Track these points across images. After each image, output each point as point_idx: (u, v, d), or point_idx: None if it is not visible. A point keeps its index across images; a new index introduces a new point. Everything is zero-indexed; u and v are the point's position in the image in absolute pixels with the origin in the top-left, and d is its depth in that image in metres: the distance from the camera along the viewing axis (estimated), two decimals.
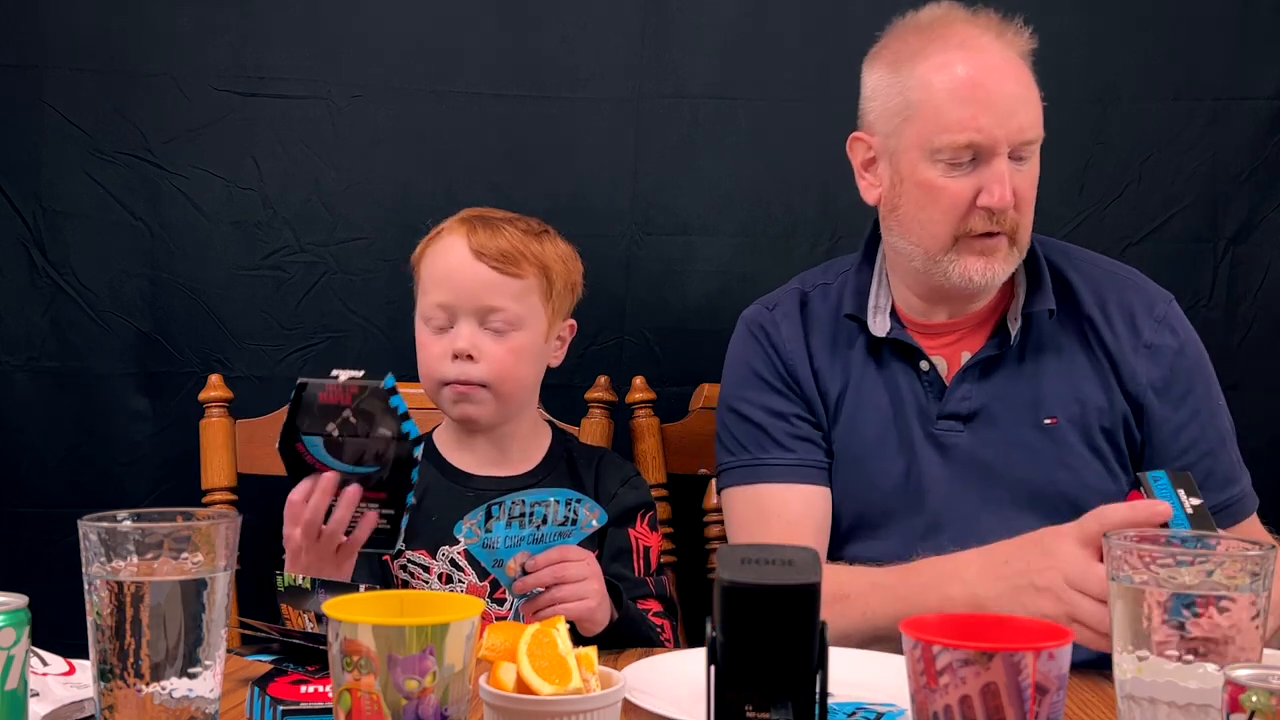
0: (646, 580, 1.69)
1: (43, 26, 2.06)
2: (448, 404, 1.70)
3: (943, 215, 1.57)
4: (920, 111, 1.57)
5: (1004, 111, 1.53)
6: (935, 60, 1.56)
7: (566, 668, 1.03)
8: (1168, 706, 0.96)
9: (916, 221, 1.59)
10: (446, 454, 1.74)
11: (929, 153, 1.56)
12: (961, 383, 1.62)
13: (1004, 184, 1.53)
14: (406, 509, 1.49)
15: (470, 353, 1.66)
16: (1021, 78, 1.57)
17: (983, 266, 1.57)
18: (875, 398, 1.65)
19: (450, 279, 1.67)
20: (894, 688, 1.14)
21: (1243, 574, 0.97)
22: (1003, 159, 1.54)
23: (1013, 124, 1.54)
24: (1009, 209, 1.55)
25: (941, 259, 1.58)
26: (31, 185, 2.07)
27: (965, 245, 1.57)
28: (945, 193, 1.56)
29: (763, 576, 0.87)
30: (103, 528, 0.98)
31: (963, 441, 1.61)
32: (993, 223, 1.56)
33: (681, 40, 2.09)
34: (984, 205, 1.54)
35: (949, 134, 1.54)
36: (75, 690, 1.19)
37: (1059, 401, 1.61)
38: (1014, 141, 1.54)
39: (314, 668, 1.19)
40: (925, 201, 1.58)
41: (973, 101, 1.54)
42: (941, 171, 1.56)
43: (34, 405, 2.08)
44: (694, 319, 2.11)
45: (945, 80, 1.55)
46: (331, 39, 2.09)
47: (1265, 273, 2.10)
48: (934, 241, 1.58)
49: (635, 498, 1.74)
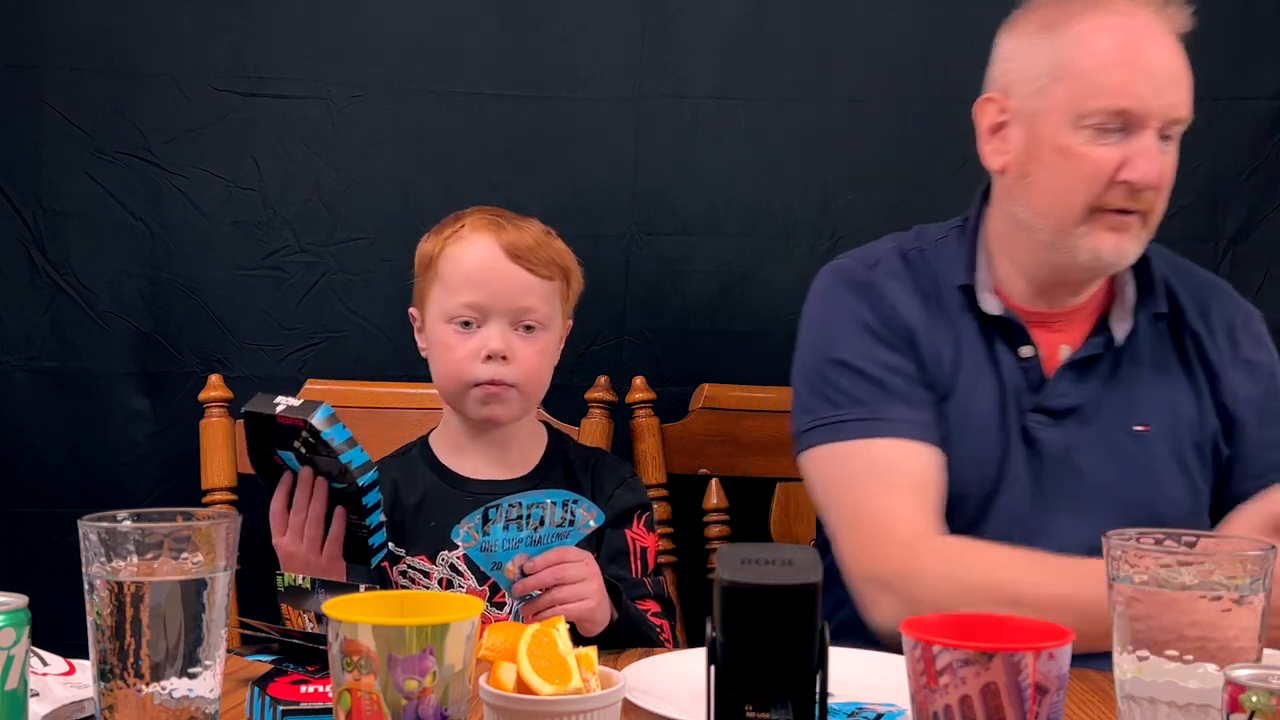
0: (644, 581, 1.69)
1: (43, 26, 2.06)
2: (474, 404, 1.67)
3: (1081, 185, 1.50)
4: (1072, 73, 1.50)
5: (1161, 84, 1.48)
6: (1094, 23, 1.50)
7: (566, 668, 1.03)
8: (1168, 706, 0.96)
9: (1051, 190, 1.52)
10: (444, 458, 1.73)
11: (1076, 117, 1.49)
12: (1063, 377, 1.57)
13: (1150, 160, 1.48)
14: (372, 529, 1.50)
15: (504, 354, 1.65)
16: (1177, 52, 1.50)
17: (1114, 243, 1.51)
18: (981, 377, 1.58)
19: (484, 278, 1.65)
20: (894, 688, 1.14)
21: (1243, 574, 0.97)
22: (1151, 133, 1.48)
23: (1168, 98, 1.48)
24: (1151, 187, 1.49)
25: (1072, 231, 1.51)
26: (31, 185, 2.07)
27: (1099, 219, 1.50)
28: (1087, 160, 1.49)
29: (763, 576, 0.87)
30: (103, 528, 0.98)
31: (1051, 437, 1.56)
32: (1132, 199, 1.49)
33: (681, 40, 2.09)
34: (1127, 179, 1.48)
35: (1102, 98, 1.48)
36: (75, 690, 1.19)
37: (1153, 410, 1.57)
38: (1166, 117, 1.48)
39: (314, 668, 1.19)
40: (1063, 169, 1.51)
41: (1130, 67, 1.47)
42: (1086, 139, 1.49)
43: (34, 405, 2.08)
44: (694, 319, 2.11)
45: (1104, 43, 1.49)
46: (331, 39, 2.09)
47: (1265, 273, 2.10)
48: (1066, 211, 1.51)
49: (632, 499, 1.73)
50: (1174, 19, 1.52)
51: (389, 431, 1.91)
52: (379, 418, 1.98)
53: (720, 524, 1.99)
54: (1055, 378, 1.57)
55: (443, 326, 1.67)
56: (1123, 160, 1.48)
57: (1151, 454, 1.56)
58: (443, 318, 1.67)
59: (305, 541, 1.52)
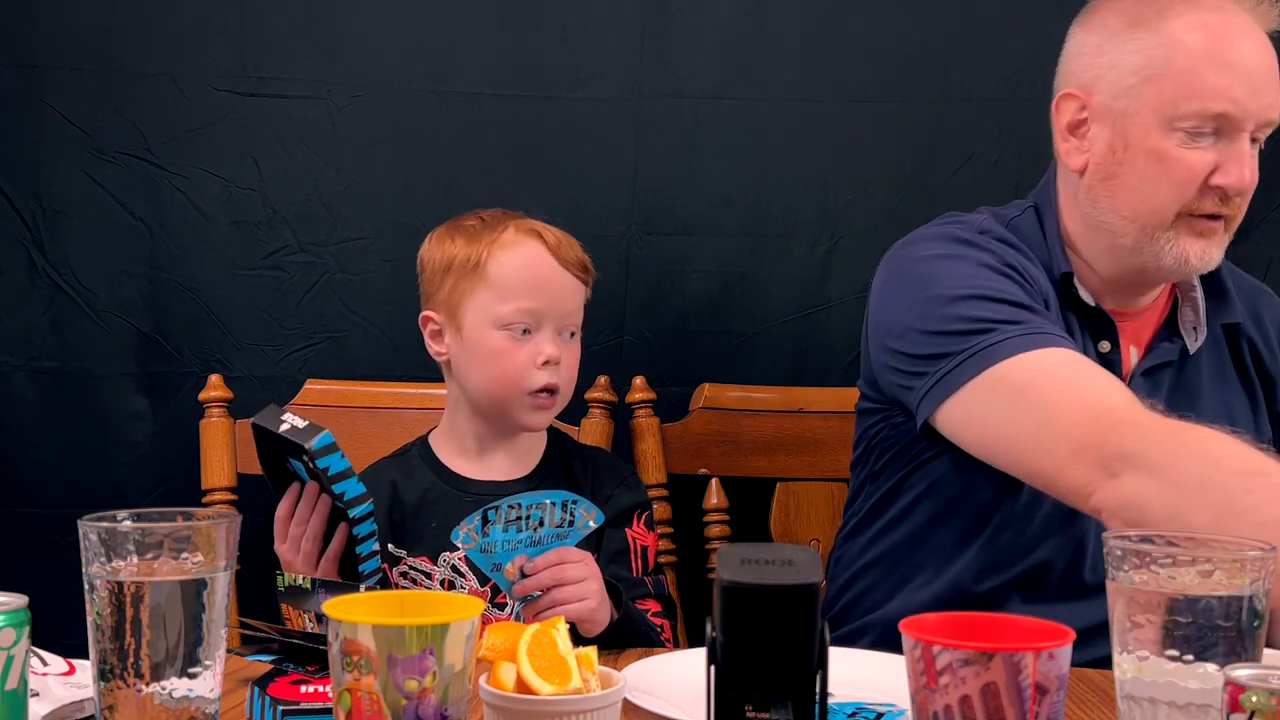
0: (645, 580, 1.69)
1: (43, 26, 2.06)
2: (525, 412, 1.67)
3: (1171, 189, 1.46)
4: (1165, 73, 1.44)
5: (1257, 85, 1.43)
6: (1187, 20, 1.45)
7: (566, 668, 1.03)
8: (1168, 706, 0.96)
9: (1138, 193, 1.48)
10: (446, 459, 1.73)
11: (1169, 119, 1.44)
12: (1138, 382, 1.54)
13: (1244, 164, 1.44)
14: (363, 557, 1.50)
15: (559, 360, 1.66)
16: (1273, 53, 1.45)
17: (1201, 249, 1.47)
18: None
19: (539, 284, 1.65)
20: (894, 688, 1.14)
21: (1243, 574, 0.97)
22: (1246, 136, 1.44)
23: (1264, 99, 1.44)
24: (1243, 193, 1.46)
25: (1159, 236, 1.47)
26: (31, 185, 2.07)
27: (1186, 224, 1.47)
28: (1180, 164, 1.45)
29: (763, 576, 0.87)
30: (103, 528, 0.98)
31: None
32: (1223, 205, 1.46)
33: (681, 40, 2.09)
34: (1220, 184, 1.44)
35: (1198, 101, 1.43)
36: (75, 690, 1.19)
37: (1213, 418, 1.50)
38: (1262, 119, 1.45)
39: (314, 668, 1.19)
40: (1153, 172, 1.46)
41: (1227, 69, 1.43)
42: (1179, 141, 1.44)
43: (34, 405, 2.08)
44: (694, 319, 2.11)
45: (1198, 42, 1.44)
46: (331, 39, 2.09)
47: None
48: (1154, 217, 1.47)
49: (631, 498, 1.73)
50: (1267, 15, 1.48)
51: (389, 431, 1.92)
52: (379, 418, 1.98)
53: (720, 524, 1.99)
54: (1132, 381, 1.53)
55: (492, 333, 1.65)
56: (1216, 164, 1.44)
57: None
58: (494, 324, 1.65)
59: (301, 555, 1.52)
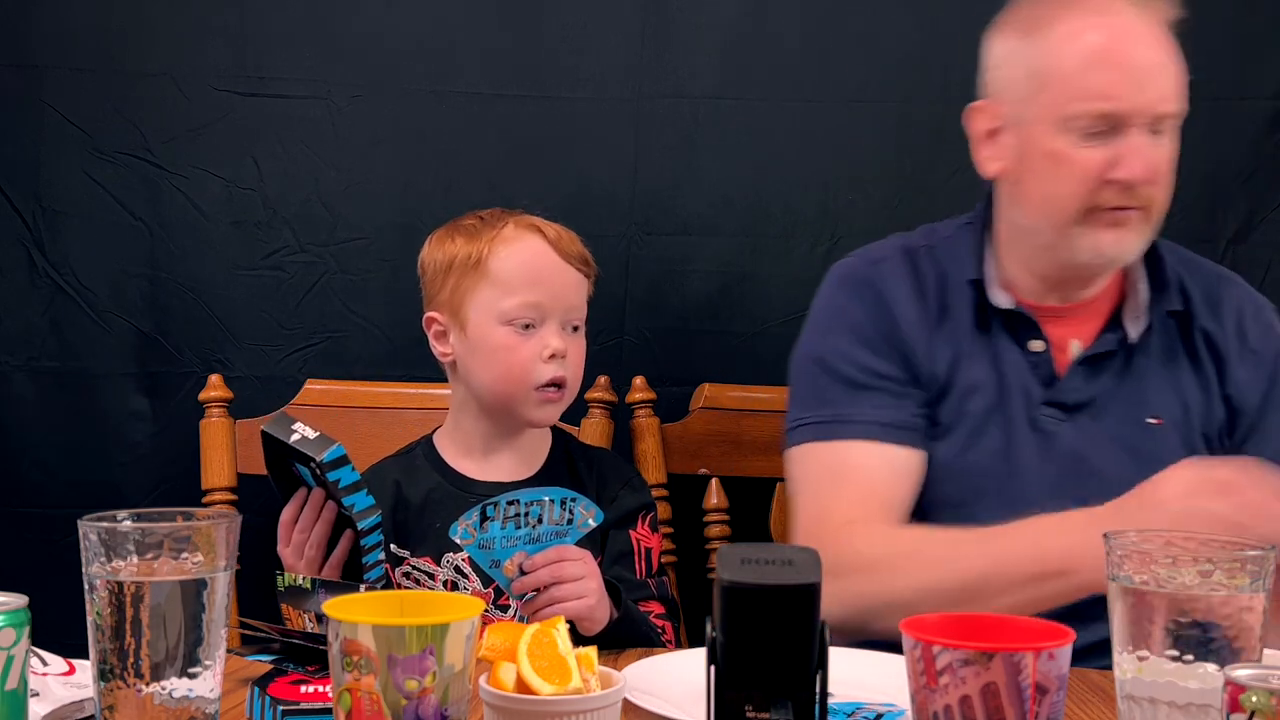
0: (648, 582, 1.69)
1: (43, 26, 2.06)
2: (533, 407, 1.67)
3: (1073, 188, 1.50)
4: (1053, 78, 1.50)
5: (1141, 80, 1.48)
6: (1069, 26, 1.50)
7: (566, 668, 1.03)
8: (1168, 706, 0.96)
9: (1043, 194, 1.53)
10: (450, 459, 1.73)
11: (1060, 121, 1.49)
12: (1075, 374, 1.58)
13: (1140, 157, 1.48)
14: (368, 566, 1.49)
15: (564, 353, 1.66)
16: (1160, 45, 1.50)
17: (1115, 239, 1.51)
18: (983, 372, 1.58)
19: (542, 277, 1.65)
20: (894, 688, 1.14)
21: (1243, 574, 0.97)
22: (1139, 130, 1.48)
23: (1150, 93, 1.48)
24: (1144, 185, 1.49)
25: (1070, 232, 1.52)
26: (31, 185, 2.07)
27: (1096, 218, 1.51)
28: (1076, 164, 1.49)
29: (763, 576, 0.87)
30: (103, 528, 0.98)
31: (1063, 431, 1.56)
32: (1127, 196, 1.49)
33: (681, 40, 2.09)
34: (1117, 179, 1.48)
35: (1083, 102, 1.48)
36: (75, 690, 1.19)
37: (1164, 403, 1.57)
38: (1151, 112, 1.48)
39: (314, 668, 1.19)
40: (1054, 174, 1.51)
41: (1109, 68, 1.48)
42: (1073, 142, 1.49)
43: (34, 405, 2.08)
44: (694, 319, 2.11)
45: (1081, 45, 1.49)
46: (331, 39, 2.09)
47: (1265, 272, 2.09)
48: (1061, 215, 1.52)
49: (636, 500, 1.73)
50: (1154, 8, 1.52)
51: (389, 431, 1.92)
52: (379, 418, 1.98)
53: (720, 524, 1.99)
54: (1068, 373, 1.58)
55: (497, 328, 1.65)
56: (1112, 159, 1.48)
57: (1164, 446, 1.55)
58: (498, 319, 1.65)
59: (304, 561, 1.52)
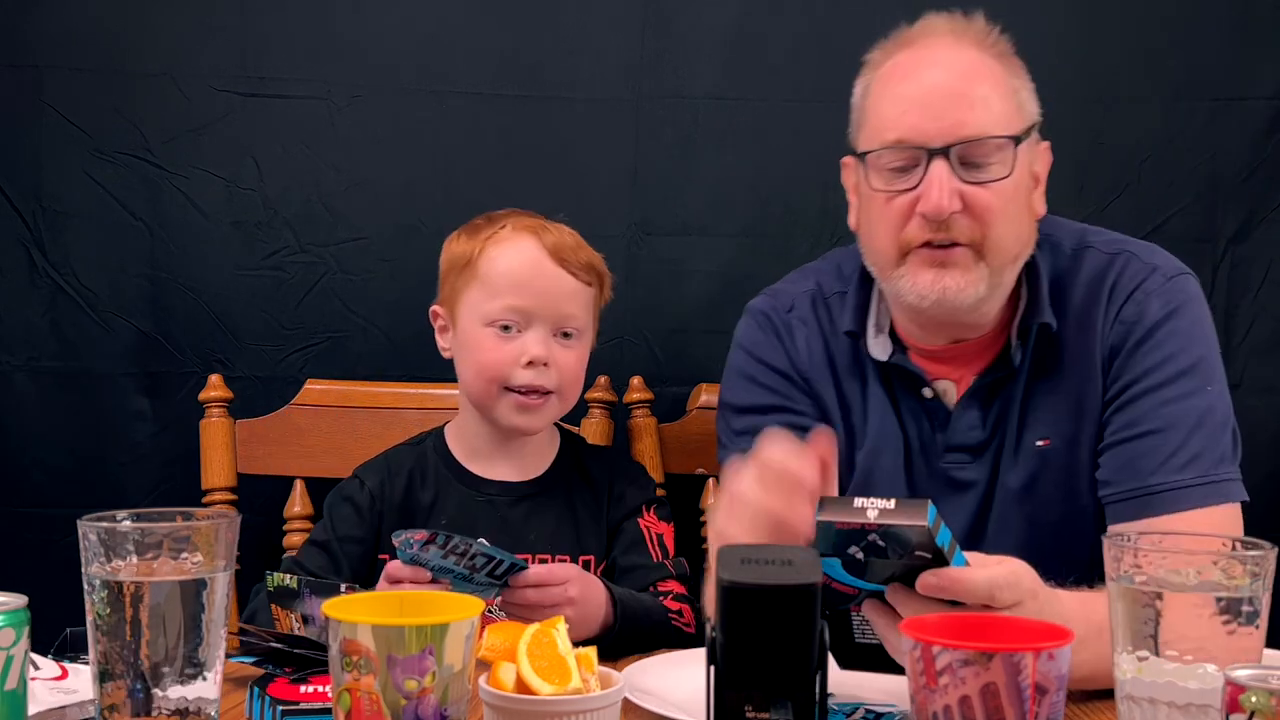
0: (665, 563, 1.69)
1: (43, 26, 2.06)
2: (506, 410, 1.66)
3: (884, 227, 1.46)
4: (866, 117, 1.49)
5: (935, 107, 1.42)
6: (884, 66, 1.49)
7: (566, 668, 1.03)
8: (1168, 706, 0.96)
9: (869, 237, 1.51)
10: (460, 456, 1.74)
11: (872, 160, 1.46)
12: (966, 412, 1.52)
13: (940, 188, 1.40)
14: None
15: (546, 360, 1.65)
16: (970, 74, 1.44)
17: (932, 279, 1.43)
18: (890, 423, 1.55)
19: (528, 281, 1.65)
20: (894, 688, 1.14)
21: (1243, 574, 0.97)
22: (941, 161, 1.41)
23: (946, 120, 1.41)
24: (946, 214, 1.41)
25: (893, 274, 1.47)
26: (31, 185, 2.07)
27: (915, 257, 1.45)
28: (884, 202, 1.45)
29: (763, 576, 0.87)
30: (102, 528, 0.98)
31: (970, 475, 1.52)
32: (933, 230, 1.42)
33: (681, 40, 2.09)
34: (920, 211, 1.42)
35: (879, 135, 1.45)
36: (63, 696, 1.18)
37: (1055, 420, 1.51)
38: (950, 138, 1.41)
39: (290, 669, 1.19)
40: (871, 215, 1.49)
41: (901, 99, 1.44)
42: (885, 180, 1.45)
43: (34, 405, 2.08)
44: (694, 319, 2.11)
45: (883, 81, 1.48)
46: (331, 39, 2.08)
47: (1265, 272, 2.09)
48: (883, 256, 1.48)
49: (641, 495, 1.75)
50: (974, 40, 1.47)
51: (389, 431, 1.92)
52: (379, 418, 1.98)
53: None
54: (956, 413, 1.52)
55: (480, 329, 1.66)
56: (918, 194, 1.43)
57: (1057, 467, 1.51)
58: (481, 320, 1.66)
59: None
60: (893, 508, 1.10)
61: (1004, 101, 1.46)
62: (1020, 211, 1.48)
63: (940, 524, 1.11)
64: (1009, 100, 1.46)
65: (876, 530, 1.08)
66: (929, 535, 1.07)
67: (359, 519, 1.69)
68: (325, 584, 1.40)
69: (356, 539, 1.68)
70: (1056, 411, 1.51)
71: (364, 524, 1.69)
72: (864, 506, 1.10)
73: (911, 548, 1.09)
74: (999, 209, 1.44)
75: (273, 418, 1.99)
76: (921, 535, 1.07)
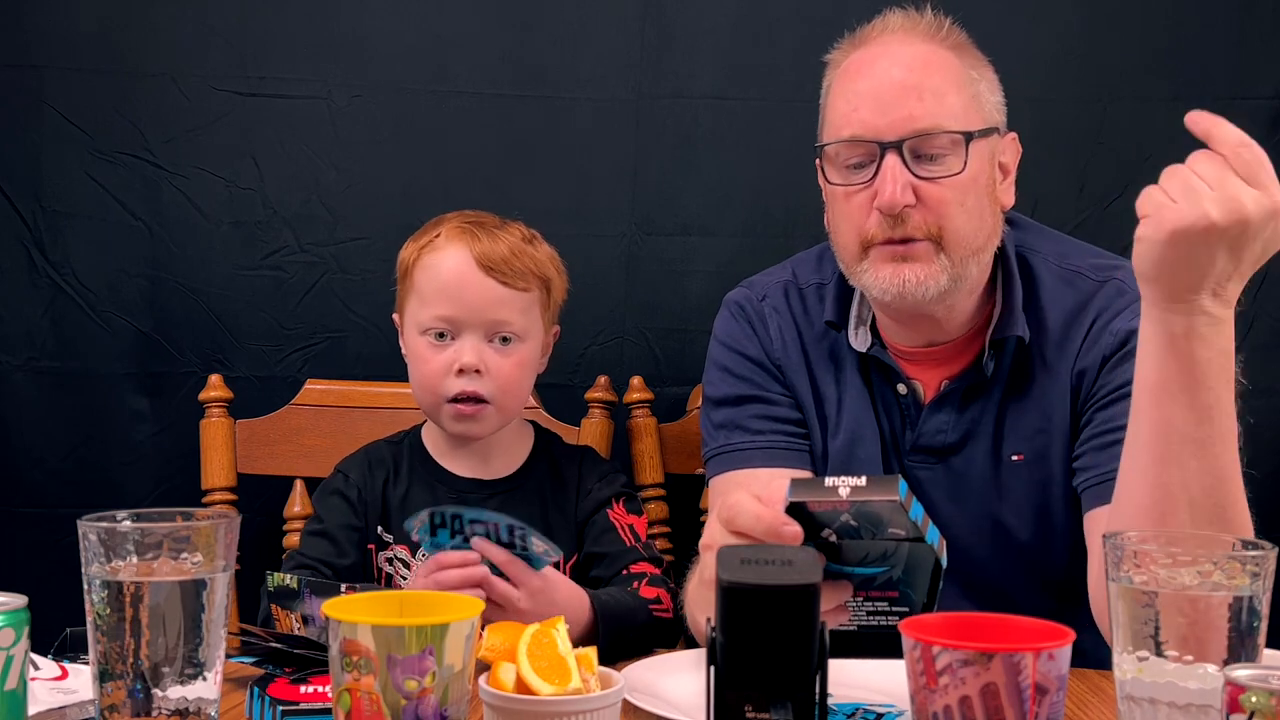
0: (636, 547, 1.70)
1: (43, 26, 2.06)
2: (447, 420, 1.68)
3: (845, 223, 1.47)
4: (825, 116, 1.51)
5: (886, 101, 1.42)
6: (841, 65, 1.51)
7: (566, 668, 1.03)
8: (1168, 706, 0.96)
9: (833, 233, 1.52)
10: (435, 454, 1.76)
11: (831, 157, 1.47)
12: (936, 414, 1.53)
13: (893, 182, 1.41)
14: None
15: (478, 367, 1.65)
16: (920, 66, 1.44)
17: (891, 273, 1.43)
18: (866, 414, 1.56)
19: (456, 291, 1.65)
20: (894, 688, 1.14)
21: (1243, 574, 0.97)
22: (893, 155, 1.41)
23: (897, 113, 1.42)
24: (899, 208, 1.41)
25: (857, 269, 1.47)
26: (31, 185, 2.07)
27: (876, 252, 1.45)
28: (845, 197, 1.46)
29: (763, 576, 0.87)
30: (102, 528, 0.98)
31: (932, 477, 1.53)
32: (890, 228, 1.42)
33: (681, 40, 2.09)
34: (875, 205, 1.43)
35: (834, 130, 1.46)
36: (62, 696, 1.18)
37: (1026, 435, 1.50)
38: (901, 132, 1.42)
39: (290, 669, 1.19)
40: (834, 211, 1.50)
41: (854, 95, 1.45)
42: (843, 175, 1.46)
43: (34, 405, 2.08)
44: (694, 319, 2.11)
45: (839, 79, 1.49)
46: (331, 39, 2.09)
47: (1265, 273, 2.08)
48: (846, 252, 1.49)
49: (610, 490, 1.75)
50: (927, 34, 1.48)
51: (389, 431, 1.91)
52: (379, 418, 1.98)
53: None
54: (925, 414, 1.53)
55: (417, 338, 1.68)
56: (875, 188, 1.43)
57: (1027, 482, 1.51)
58: (417, 329, 1.68)
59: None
60: (864, 484, 1.09)
61: (958, 93, 1.46)
62: (980, 203, 1.46)
63: (911, 499, 1.11)
64: (963, 91, 1.46)
65: (849, 509, 1.08)
66: (902, 510, 1.07)
67: (350, 509, 1.71)
68: (325, 584, 1.40)
69: (352, 526, 1.70)
70: (1032, 426, 1.51)
71: (355, 514, 1.71)
72: (835, 485, 1.09)
73: (885, 525, 1.08)
74: (954, 201, 1.43)
75: (272, 418, 1.99)
76: (894, 510, 1.07)
